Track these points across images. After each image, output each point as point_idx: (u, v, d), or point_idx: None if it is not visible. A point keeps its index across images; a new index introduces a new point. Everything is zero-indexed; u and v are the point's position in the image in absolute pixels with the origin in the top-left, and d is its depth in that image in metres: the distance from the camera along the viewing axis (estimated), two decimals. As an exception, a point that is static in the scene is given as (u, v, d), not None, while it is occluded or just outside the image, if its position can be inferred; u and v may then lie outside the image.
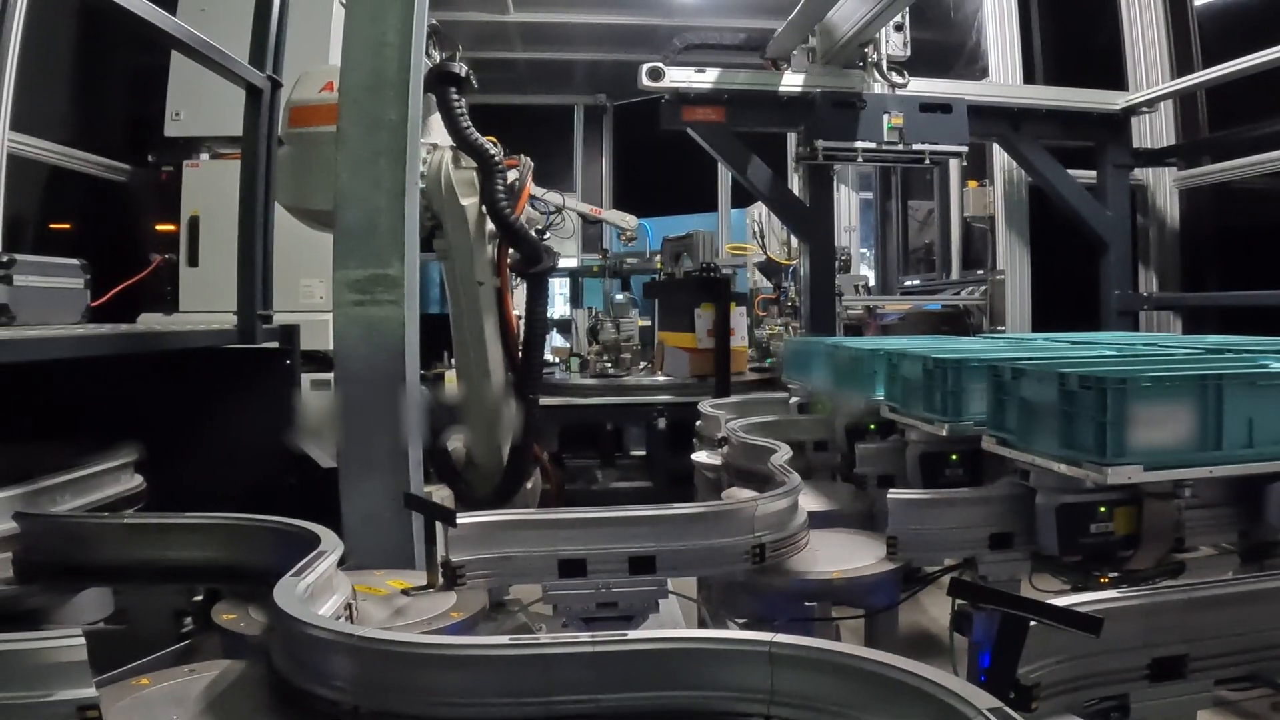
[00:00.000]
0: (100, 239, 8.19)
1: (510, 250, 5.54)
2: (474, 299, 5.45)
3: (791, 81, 8.97)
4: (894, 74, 8.66)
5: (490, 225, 5.39)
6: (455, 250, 5.38)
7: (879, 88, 8.63)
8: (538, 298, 5.59)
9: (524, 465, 5.58)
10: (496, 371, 5.54)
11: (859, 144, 8.46)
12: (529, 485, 5.80)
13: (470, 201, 5.29)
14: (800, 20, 8.48)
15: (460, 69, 5.25)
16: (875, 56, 8.62)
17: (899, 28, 8.58)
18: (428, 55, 4.81)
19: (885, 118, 8.45)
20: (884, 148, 8.52)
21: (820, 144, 8.41)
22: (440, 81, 5.17)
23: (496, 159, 5.25)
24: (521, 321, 5.74)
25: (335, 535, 2.80)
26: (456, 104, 5.22)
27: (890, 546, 3.70)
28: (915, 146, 8.55)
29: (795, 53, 9.05)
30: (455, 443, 5.71)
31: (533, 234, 5.58)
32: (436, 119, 5.31)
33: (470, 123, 5.26)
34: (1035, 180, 9.47)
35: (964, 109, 8.71)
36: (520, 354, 5.60)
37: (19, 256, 4.94)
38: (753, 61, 9.72)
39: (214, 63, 4.52)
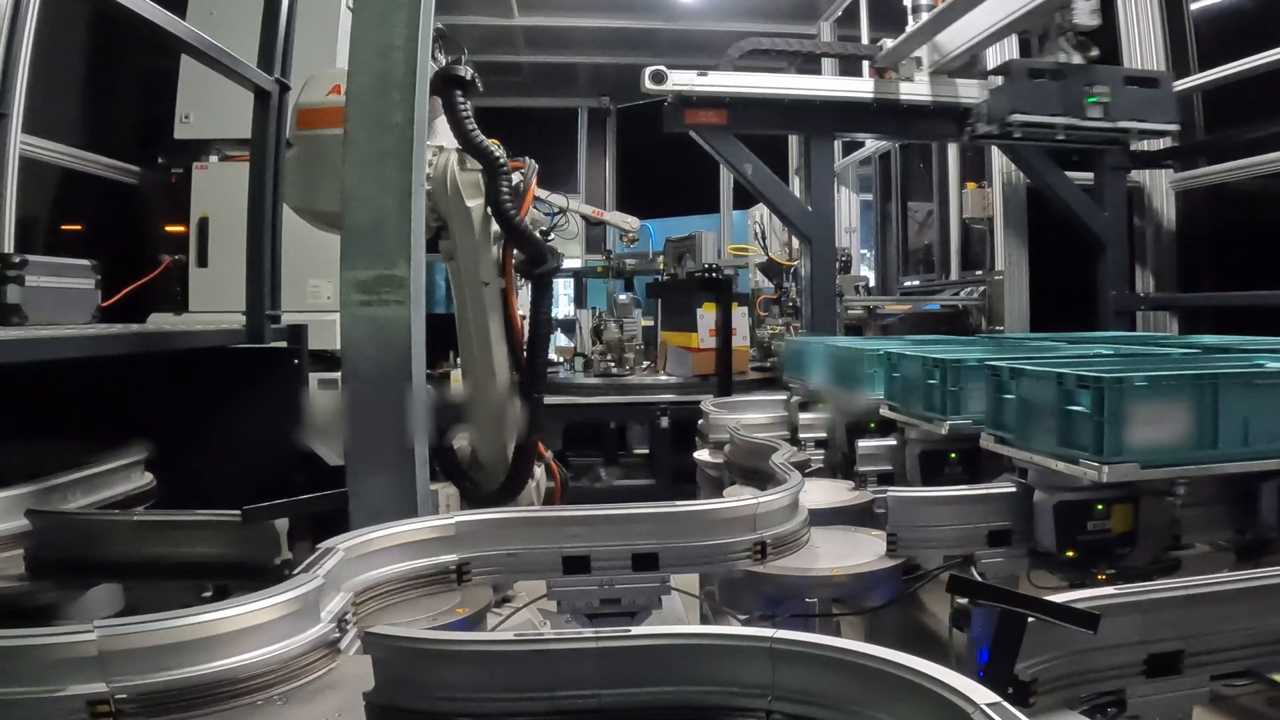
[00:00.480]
0: (111, 240, 8.19)
1: (515, 251, 5.54)
2: (479, 299, 5.45)
3: (808, 85, 9.07)
4: (1085, 46, 7.72)
5: (495, 226, 5.39)
6: (461, 251, 5.39)
7: (1063, 57, 7.67)
8: (542, 298, 5.60)
9: (528, 463, 5.58)
10: (501, 371, 5.54)
11: (1058, 119, 7.64)
12: (534, 483, 5.80)
13: (475, 203, 5.29)
14: (921, 31, 8.55)
15: (466, 72, 5.25)
16: (1063, 23, 7.62)
17: (1012, 33, 8.10)
18: (434, 59, 4.81)
19: (1086, 91, 7.56)
20: (1086, 123, 7.65)
21: (1018, 117, 7.56)
22: (446, 85, 5.17)
23: (501, 161, 5.25)
24: (526, 321, 5.75)
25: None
26: (462, 107, 5.22)
27: (890, 543, 3.70)
28: (1121, 124, 7.76)
29: (904, 61, 9.08)
30: (461, 441, 5.71)
31: (537, 235, 5.58)
32: (442, 122, 5.31)
33: (475, 125, 5.26)
34: (1033, 182, 9.46)
35: (1170, 82, 8.11)
36: (525, 353, 5.60)
37: (31, 257, 4.93)
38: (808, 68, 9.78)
39: (223, 66, 4.53)
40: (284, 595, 2.26)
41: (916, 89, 8.99)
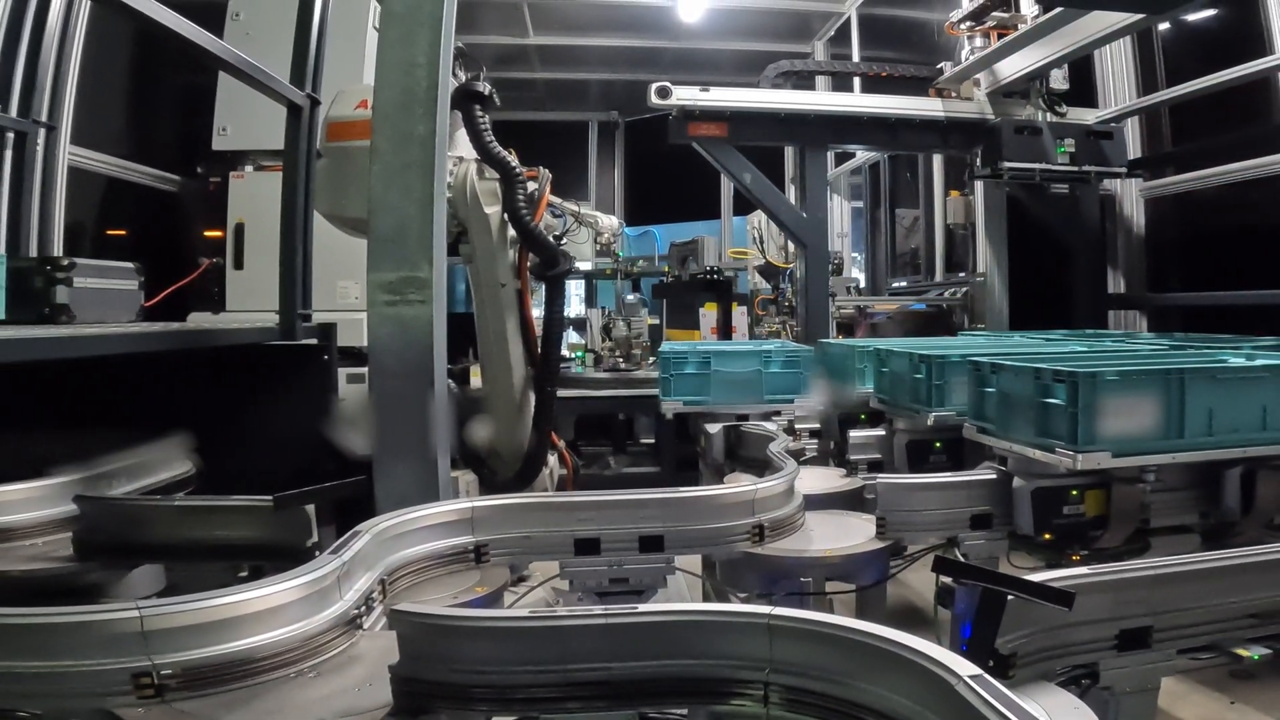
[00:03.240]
0: (153, 244, 8.19)
1: (530, 254, 5.54)
2: (496, 299, 5.46)
3: (803, 100, 9.10)
4: (1057, 104, 9.06)
5: (511, 231, 5.40)
6: (479, 254, 5.40)
7: (1041, 117, 8.99)
8: (555, 298, 5.61)
9: (542, 452, 5.59)
10: (517, 366, 5.55)
11: (1036, 165, 8.71)
12: (548, 470, 5.81)
13: (493, 210, 5.30)
14: (979, 62, 8.80)
15: (484, 88, 5.25)
16: (1042, 89, 8.99)
17: (1059, 65, 8.80)
18: (454, 75, 4.81)
19: (1057, 143, 8.77)
20: (1057, 168, 8.75)
21: (1006, 165, 8.61)
22: (466, 99, 5.18)
23: (517, 170, 5.26)
24: (540, 320, 5.75)
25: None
26: (481, 120, 5.23)
27: (879, 526, 3.70)
28: (1085, 168, 8.84)
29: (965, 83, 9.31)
30: (480, 431, 5.72)
31: (550, 239, 5.59)
32: (463, 134, 5.32)
33: (493, 137, 5.27)
34: (1012, 190, 9.44)
35: (1124, 135, 9.21)
36: (539, 349, 5.61)
37: (79, 260, 4.94)
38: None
39: (258, 82, 4.51)
40: (307, 577, 2.28)
41: (978, 108, 9.21)
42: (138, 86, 8.69)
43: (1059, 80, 8.94)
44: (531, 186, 5.50)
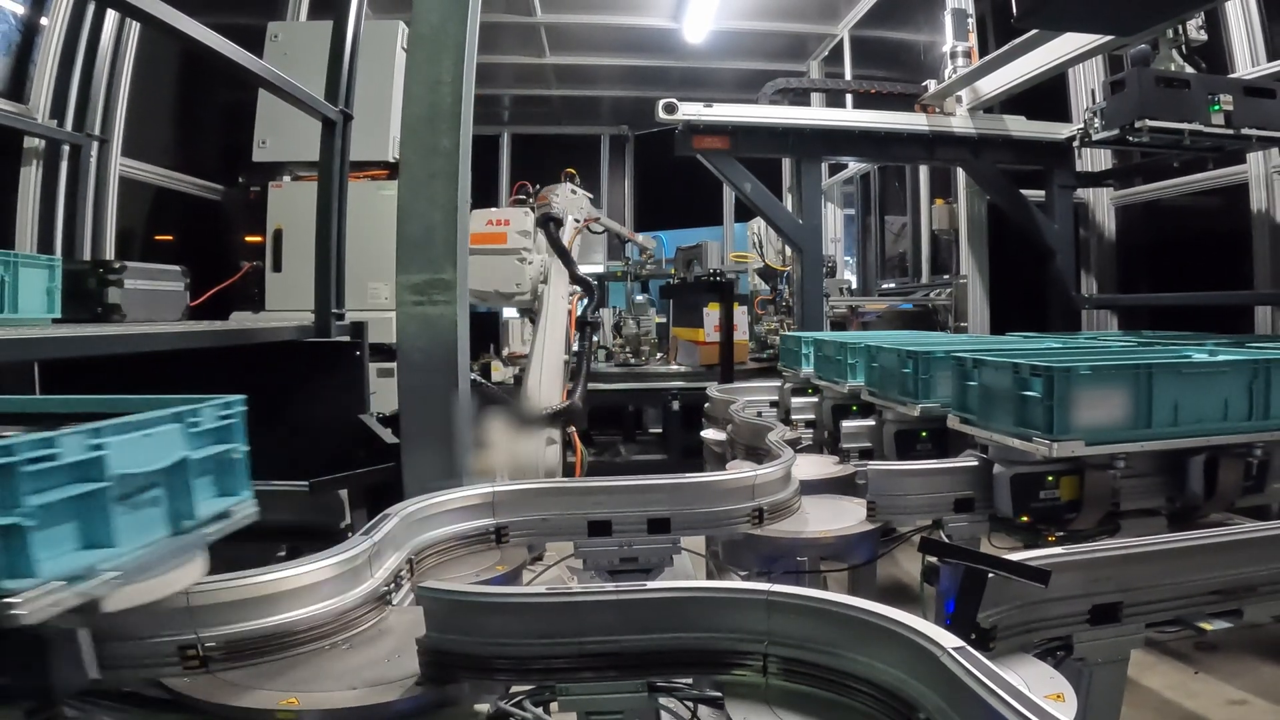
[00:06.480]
0: (198, 249, 8.21)
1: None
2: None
3: (799, 115, 9.12)
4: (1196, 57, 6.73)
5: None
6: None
7: (1174, 68, 6.67)
8: (585, 341, 6.11)
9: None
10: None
11: (1185, 125, 6.43)
12: (556, 460, 5.99)
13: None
14: (960, 80, 8.65)
15: (560, 213, 5.86)
16: (1179, 39, 6.69)
17: (1034, 83, 7.78)
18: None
19: (1209, 100, 6.50)
20: (1210, 129, 6.49)
21: (1147, 124, 6.37)
22: (548, 221, 5.60)
23: (592, 287, 5.72)
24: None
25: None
26: (559, 239, 5.73)
27: (870, 510, 3.69)
28: (1244, 131, 6.55)
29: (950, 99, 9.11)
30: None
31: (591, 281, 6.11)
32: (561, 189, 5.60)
33: (569, 252, 5.74)
34: (993, 198, 9.42)
35: None
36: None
37: (129, 263, 4.95)
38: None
39: (294, 99, 4.51)
40: (340, 556, 2.29)
41: (961, 122, 9.04)
42: (184, 102, 8.69)
43: (1194, 30, 6.67)
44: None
